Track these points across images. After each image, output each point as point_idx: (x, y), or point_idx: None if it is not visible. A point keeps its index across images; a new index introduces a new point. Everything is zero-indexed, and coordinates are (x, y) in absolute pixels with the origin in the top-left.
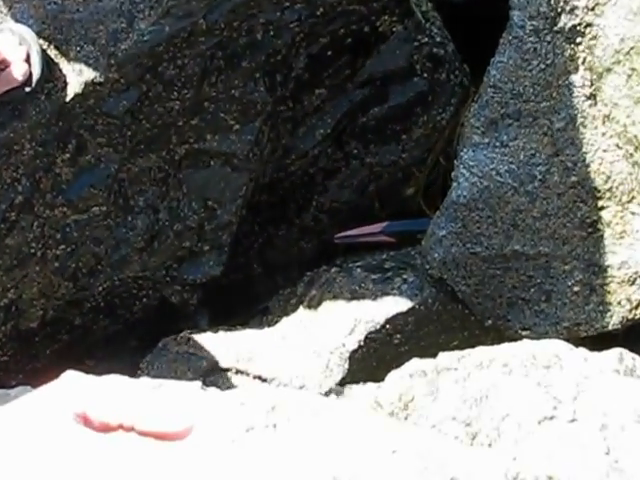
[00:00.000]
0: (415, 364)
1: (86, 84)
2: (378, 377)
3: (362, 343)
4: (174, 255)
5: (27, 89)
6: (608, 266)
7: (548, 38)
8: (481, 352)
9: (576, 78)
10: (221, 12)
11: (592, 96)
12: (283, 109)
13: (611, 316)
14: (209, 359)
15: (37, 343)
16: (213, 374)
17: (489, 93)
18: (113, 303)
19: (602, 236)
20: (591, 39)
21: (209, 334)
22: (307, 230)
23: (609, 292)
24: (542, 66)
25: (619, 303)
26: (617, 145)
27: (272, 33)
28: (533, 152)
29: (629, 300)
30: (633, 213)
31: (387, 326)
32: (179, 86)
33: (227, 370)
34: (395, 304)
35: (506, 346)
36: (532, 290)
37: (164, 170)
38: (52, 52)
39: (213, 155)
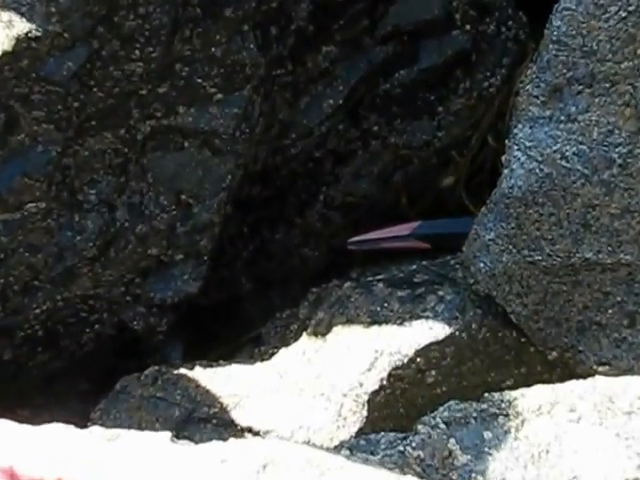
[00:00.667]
0: (454, 409)
1: (18, 40)
2: (406, 427)
3: (385, 382)
4: (136, 266)
5: None
6: None
7: None
8: (541, 393)
9: None
10: None
11: None
12: (280, 73)
13: None
14: (183, 405)
15: None
16: (188, 425)
17: (552, 51)
18: (55, 331)
19: None
20: None
21: (183, 371)
22: (312, 233)
23: None
24: (623, 14)
25: None
26: None
27: None
28: (611, 128)
29: None
30: None
31: (418, 360)
32: (142, 42)
33: (207, 420)
34: (428, 330)
35: (574, 385)
36: (610, 311)
37: (122, 154)
38: None
39: (188, 134)
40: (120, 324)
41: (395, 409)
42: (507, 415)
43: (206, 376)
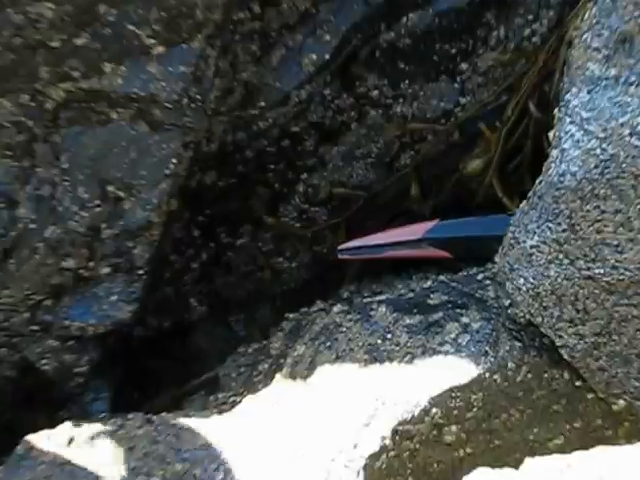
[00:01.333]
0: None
1: None
2: None
3: (388, 442)
4: (46, 284)
5: None
6: None
7: None
8: (603, 458)
9: None
10: None
11: None
12: (244, 17)
13: None
14: (111, 476)
15: None
16: None
17: None
18: None
19: None
20: None
21: (111, 428)
22: (288, 237)
23: None
24: None
25: None
26: None
27: None
28: None
29: None
30: None
31: (433, 411)
32: None
33: None
34: (447, 370)
35: None
36: None
37: (26, 129)
38: None
39: (116, 102)
40: (23, 363)
41: (402, 478)
42: None
43: (143, 435)
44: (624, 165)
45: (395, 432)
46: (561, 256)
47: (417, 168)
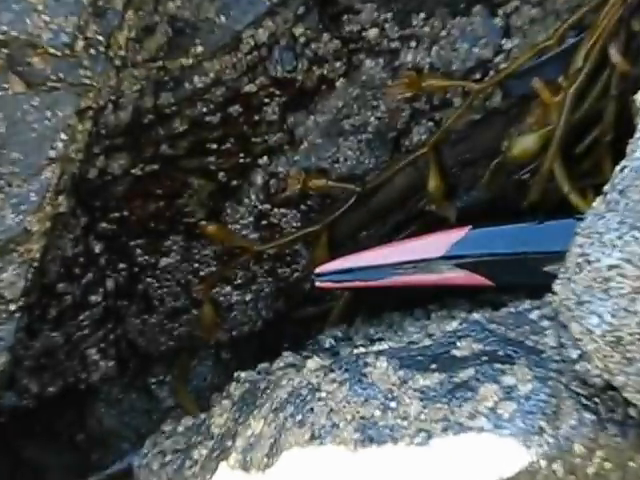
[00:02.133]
0: None
1: None
2: None
3: None
4: None
5: None
6: None
7: None
8: None
9: None
10: None
11: None
12: None
13: None
14: None
15: None
16: None
17: None
18: None
19: None
20: None
21: None
22: (238, 254)
23: None
24: None
25: None
26: None
27: None
28: None
29: None
30: None
31: None
32: None
33: None
34: (481, 457)
35: None
36: None
37: None
38: None
39: None
40: None
41: None
42: None
43: None
44: None
45: None
46: None
47: (437, 149)
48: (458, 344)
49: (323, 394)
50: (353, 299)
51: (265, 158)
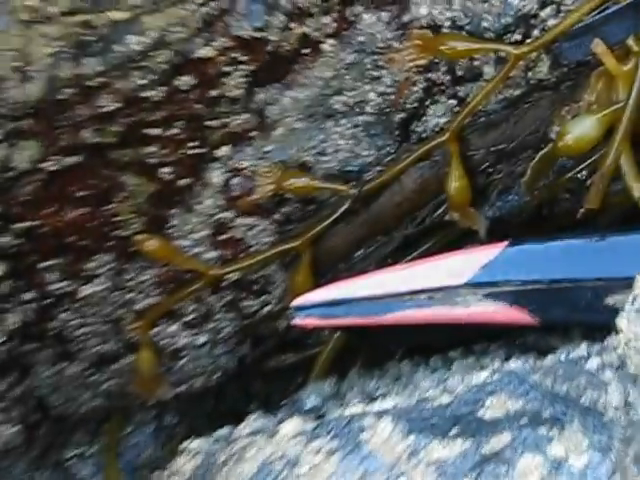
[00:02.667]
0: None
1: None
2: None
3: None
4: None
5: None
6: None
7: None
8: None
9: None
10: None
11: None
12: None
13: None
14: None
15: None
16: None
17: None
18: None
19: None
20: None
21: None
22: (188, 280)
23: None
24: None
25: None
26: None
27: None
28: None
29: None
30: None
31: None
32: None
33: None
34: None
35: None
36: None
37: None
38: None
39: None
40: None
41: None
42: None
43: None
44: None
45: None
46: None
47: (461, 137)
48: (488, 402)
49: (304, 469)
50: (346, 342)
51: (225, 149)
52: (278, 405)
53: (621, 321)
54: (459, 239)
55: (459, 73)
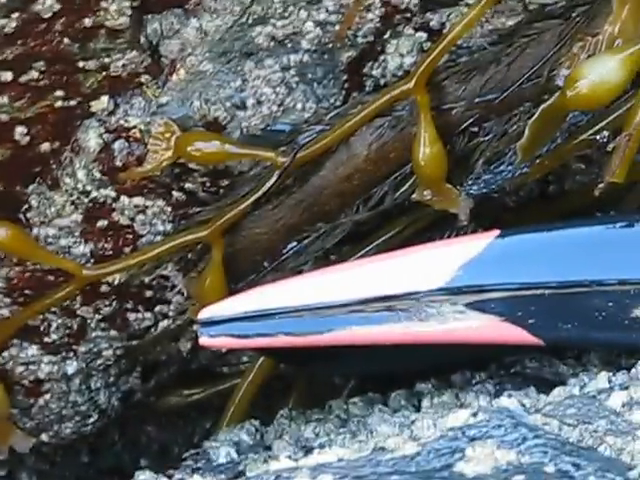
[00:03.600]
0: None
1: None
2: None
3: None
4: None
5: None
6: None
7: None
8: None
9: None
10: None
11: None
12: None
13: None
14: None
15: None
16: None
17: None
18: None
19: None
20: None
21: None
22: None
23: None
24: None
25: None
26: None
27: None
28: None
29: None
30: None
31: None
32: None
33: None
34: None
35: None
36: None
37: None
38: None
39: None
40: None
41: None
42: None
43: None
44: None
45: None
46: None
47: (432, 84)
48: (470, 453)
49: None
50: (273, 371)
51: (104, 100)
52: (178, 459)
53: None
54: (431, 227)
55: None
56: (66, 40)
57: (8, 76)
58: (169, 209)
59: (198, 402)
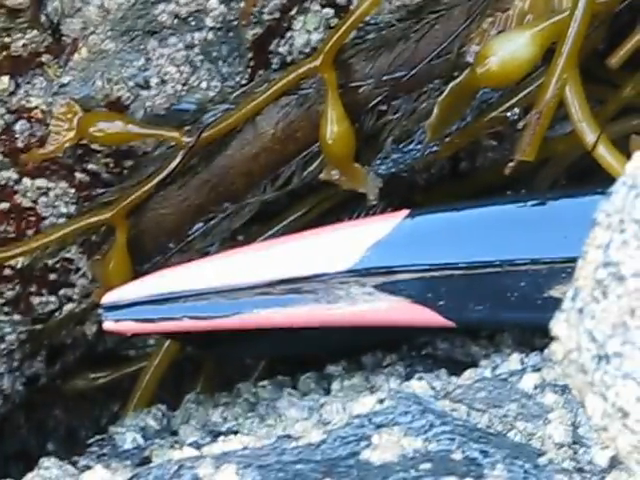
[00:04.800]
0: None
1: None
2: None
3: None
4: None
5: None
6: None
7: None
8: None
9: None
10: None
11: None
12: None
13: None
14: None
15: None
16: None
17: None
18: None
19: None
20: None
21: None
22: None
23: None
24: None
25: None
26: None
27: None
28: None
29: None
30: None
31: None
32: None
33: None
34: None
35: None
36: None
37: None
38: None
39: None
40: None
41: None
42: None
43: None
44: None
45: None
46: None
47: (339, 61)
48: (376, 440)
49: None
50: (180, 355)
51: (5, 80)
52: (85, 443)
53: (558, 325)
54: (339, 207)
55: None
56: None
57: None
58: (72, 191)
59: (105, 385)
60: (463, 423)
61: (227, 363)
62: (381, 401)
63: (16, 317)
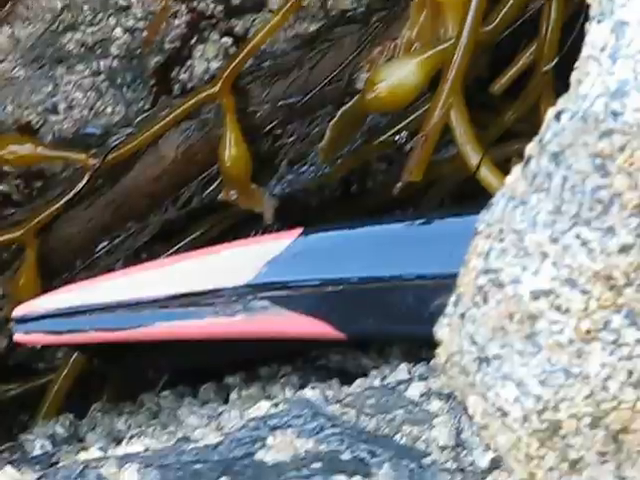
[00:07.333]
0: None
1: None
2: None
3: None
4: None
5: None
6: None
7: None
8: None
9: None
10: None
11: None
12: None
13: None
14: None
15: None
16: None
17: None
18: None
19: None
20: None
21: None
22: None
23: None
24: None
25: None
26: None
27: None
28: None
29: None
30: None
31: None
32: None
33: None
34: None
35: None
36: None
37: None
38: None
39: None
40: None
41: None
42: None
43: None
44: None
45: None
46: (619, 321)
47: (240, 86)
48: (270, 441)
49: None
50: (87, 367)
51: None
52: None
53: (441, 329)
54: (238, 226)
55: (235, 2)
56: None
57: None
58: None
59: (16, 397)
60: (352, 426)
61: (132, 375)
62: (276, 405)
63: None
